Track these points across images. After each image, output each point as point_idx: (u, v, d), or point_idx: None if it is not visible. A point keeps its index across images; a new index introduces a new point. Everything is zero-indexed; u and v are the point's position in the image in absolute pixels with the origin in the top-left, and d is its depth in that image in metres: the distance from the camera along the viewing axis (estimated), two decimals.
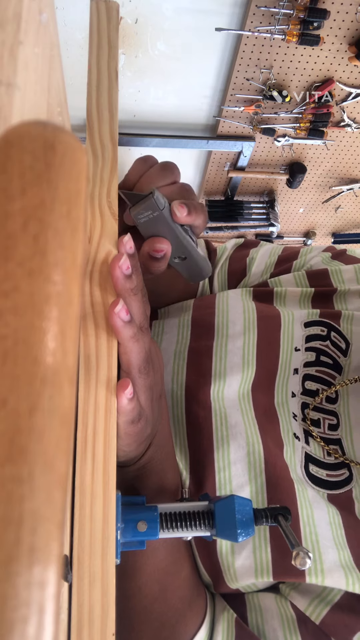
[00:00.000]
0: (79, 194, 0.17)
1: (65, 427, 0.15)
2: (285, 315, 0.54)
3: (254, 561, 0.42)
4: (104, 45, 0.41)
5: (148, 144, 1.33)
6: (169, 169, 0.41)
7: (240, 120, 1.29)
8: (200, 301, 0.60)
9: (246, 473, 0.44)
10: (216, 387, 0.49)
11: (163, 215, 0.37)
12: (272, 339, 0.52)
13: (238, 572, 0.42)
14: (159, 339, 0.55)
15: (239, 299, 0.57)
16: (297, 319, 0.54)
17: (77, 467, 0.29)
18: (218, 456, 0.45)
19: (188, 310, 0.58)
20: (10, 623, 0.12)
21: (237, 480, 0.44)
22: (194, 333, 0.54)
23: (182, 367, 0.51)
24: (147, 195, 0.36)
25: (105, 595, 0.27)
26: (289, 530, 0.32)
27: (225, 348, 0.51)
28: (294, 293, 0.58)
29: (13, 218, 0.15)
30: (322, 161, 1.44)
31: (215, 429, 0.47)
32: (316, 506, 0.44)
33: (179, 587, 0.42)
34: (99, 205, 0.37)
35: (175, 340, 0.54)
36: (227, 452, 0.45)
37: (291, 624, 0.41)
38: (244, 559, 0.42)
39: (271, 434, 0.47)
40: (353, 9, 1.04)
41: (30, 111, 0.22)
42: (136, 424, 0.33)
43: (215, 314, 0.55)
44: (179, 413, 0.49)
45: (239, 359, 0.50)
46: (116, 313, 0.31)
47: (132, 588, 0.41)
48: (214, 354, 0.51)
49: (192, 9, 1.06)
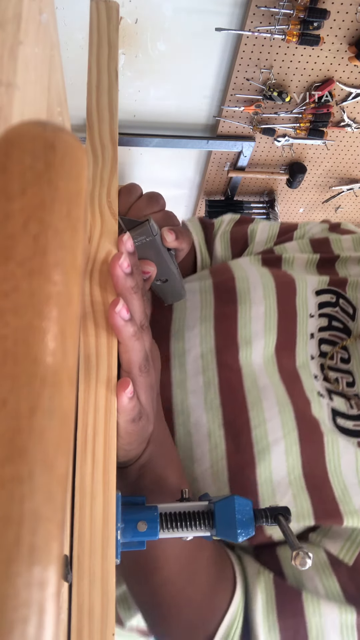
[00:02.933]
0: (79, 194, 0.17)
1: (65, 427, 0.15)
2: (299, 281, 0.58)
3: (295, 507, 0.45)
4: (104, 45, 0.41)
5: (148, 144, 1.33)
6: (155, 198, 0.44)
7: (240, 120, 1.29)
8: (215, 269, 0.62)
9: (280, 429, 0.47)
10: (244, 353, 0.52)
11: (155, 240, 0.40)
12: (290, 305, 0.56)
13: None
14: (182, 304, 0.57)
15: (252, 265, 0.60)
16: (309, 287, 0.58)
17: (77, 467, 0.29)
18: (252, 415, 0.48)
19: (207, 277, 0.60)
20: (10, 623, 0.12)
21: (273, 436, 0.47)
22: (217, 297, 0.56)
23: (209, 330, 0.54)
24: (144, 222, 0.39)
25: (105, 595, 0.27)
26: (289, 530, 0.32)
27: (250, 313, 0.54)
28: (301, 259, 0.63)
29: (13, 218, 0.15)
30: (322, 161, 1.44)
31: (247, 391, 0.50)
32: (344, 453, 0.48)
33: (206, 567, 0.44)
34: (99, 205, 0.37)
35: (199, 304, 0.56)
36: (261, 411, 0.48)
37: (326, 569, 0.44)
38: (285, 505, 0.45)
39: (298, 393, 0.50)
40: (353, 9, 1.04)
41: (30, 111, 0.22)
42: (137, 423, 0.33)
43: (235, 279, 0.57)
44: (211, 375, 0.51)
45: (262, 325, 0.54)
46: (116, 312, 0.31)
47: (159, 581, 0.42)
48: (238, 319, 0.54)
49: (192, 9, 1.06)
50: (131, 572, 0.44)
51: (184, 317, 0.55)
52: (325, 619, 0.42)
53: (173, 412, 0.50)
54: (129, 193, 0.44)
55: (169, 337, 0.54)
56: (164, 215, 0.44)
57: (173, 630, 0.44)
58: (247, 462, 0.46)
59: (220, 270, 0.61)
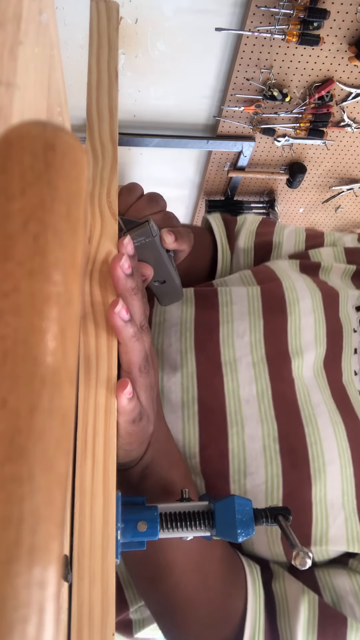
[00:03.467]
0: (79, 194, 0.17)
1: (65, 427, 0.15)
2: (342, 295, 0.57)
3: (345, 531, 0.44)
4: (104, 45, 0.41)
5: (148, 144, 1.33)
6: (155, 199, 0.44)
7: (240, 120, 1.29)
8: (259, 271, 0.61)
9: (335, 449, 0.47)
10: (296, 364, 0.51)
11: (155, 241, 0.40)
12: (335, 318, 0.55)
13: (331, 540, 0.44)
14: (229, 309, 0.55)
15: (294, 271, 0.59)
16: (349, 301, 0.57)
17: (77, 467, 0.29)
18: (308, 431, 0.47)
19: (252, 282, 0.60)
20: (10, 623, 0.12)
21: (329, 455, 0.46)
22: (266, 306, 0.55)
23: (259, 339, 0.52)
24: (144, 222, 0.39)
25: (105, 595, 0.27)
26: (289, 530, 0.32)
27: (299, 324, 0.53)
28: (337, 268, 0.62)
29: (13, 218, 0.15)
30: (322, 161, 1.44)
31: (301, 405, 0.49)
32: None
33: (218, 569, 0.43)
34: (99, 205, 0.37)
35: (247, 312, 0.55)
36: (316, 428, 0.47)
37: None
38: (336, 529, 0.45)
39: (348, 410, 0.50)
40: (353, 9, 1.04)
41: (30, 111, 0.22)
42: (137, 423, 0.33)
43: (284, 287, 0.56)
44: (264, 385, 0.50)
45: (311, 336, 0.53)
46: (116, 312, 0.31)
47: (169, 585, 0.41)
48: (288, 329, 0.53)
49: (192, 9, 1.06)
50: (140, 577, 0.44)
51: (231, 322, 0.54)
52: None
53: (227, 421, 0.48)
54: (130, 193, 0.44)
55: (218, 342, 0.52)
56: (164, 216, 0.44)
57: (189, 635, 0.43)
58: (303, 480, 0.45)
59: (265, 275, 0.60)
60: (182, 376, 0.50)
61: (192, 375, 0.50)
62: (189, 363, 0.51)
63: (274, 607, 0.44)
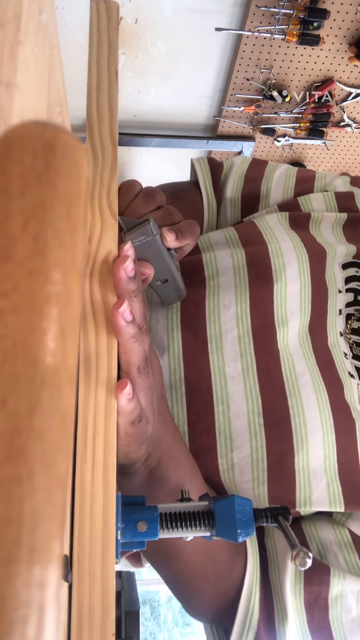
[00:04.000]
0: (79, 194, 0.17)
1: (65, 427, 0.15)
2: (329, 253, 0.57)
3: (327, 494, 0.47)
4: (104, 45, 0.41)
5: (148, 144, 1.33)
6: (151, 195, 0.43)
7: (240, 120, 1.29)
8: (243, 231, 0.60)
9: (317, 417, 0.48)
10: (281, 334, 0.52)
11: (155, 240, 0.40)
12: (321, 280, 0.55)
13: (314, 503, 0.47)
14: (215, 282, 0.55)
15: (283, 230, 0.58)
16: (336, 260, 0.57)
17: (77, 467, 0.29)
18: (291, 403, 0.49)
19: (236, 244, 0.58)
20: (10, 623, 0.12)
21: (311, 424, 0.48)
22: (252, 274, 0.54)
23: (245, 310, 0.53)
24: (144, 221, 0.39)
25: (105, 595, 0.27)
26: (289, 530, 0.32)
27: (285, 292, 0.53)
28: (328, 218, 0.61)
29: (13, 218, 0.15)
30: (322, 161, 1.44)
31: (286, 377, 0.50)
32: None
33: (224, 544, 0.46)
34: (99, 205, 0.37)
35: (233, 282, 0.54)
36: (299, 399, 0.49)
37: (349, 546, 0.48)
38: (319, 492, 0.48)
39: (332, 376, 0.51)
40: (353, 9, 1.04)
41: (30, 111, 0.22)
42: (137, 425, 0.33)
43: (270, 252, 0.55)
44: (249, 361, 0.51)
45: (297, 304, 0.53)
46: (120, 313, 0.31)
47: (181, 564, 0.44)
48: (274, 298, 0.53)
49: (192, 9, 1.06)
50: (154, 556, 0.46)
51: (217, 295, 0.54)
52: (346, 586, 0.45)
53: (213, 399, 0.50)
54: (128, 190, 0.43)
55: (205, 318, 0.53)
56: (164, 212, 0.43)
57: (201, 602, 0.47)
58: (287, 450, 0.47)
59: (250, 235, 0.58)
60: (169, 357, 0.52)
61: (179, 356, 0.51)
62: (175, 342, 0.52)
63: (266, 561, 0.48)
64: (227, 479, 0.48)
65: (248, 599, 0.46)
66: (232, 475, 0.48)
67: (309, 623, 0.45)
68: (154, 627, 2.59)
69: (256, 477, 0.48)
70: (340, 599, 0.45)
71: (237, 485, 0.48)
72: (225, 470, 0.48)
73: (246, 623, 0.45)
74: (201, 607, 0.49)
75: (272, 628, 0.45)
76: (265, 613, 0.46)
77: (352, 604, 0.46)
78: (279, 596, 0.46)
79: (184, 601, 0.49)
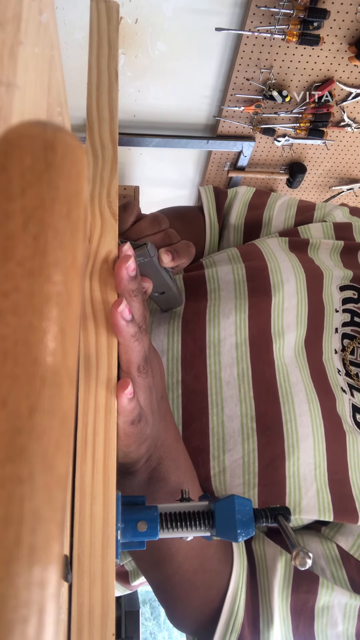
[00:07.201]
0: (79, 194, 0.17)
1: (65, 427, 0.15)
2: (327, 274, 0.59)
3: (317, 501, 0.47)
4: (104, 45, 0.41)
5: (148, 144, 1.33)
6: (158, 222, 0.47)
7: (240, 120, 1.29)
8: (245, 250, 0.63)
9: (309, 425, 0.49)
10: (277, 345, 0.53)
11: (153, 261, 0.43)
12: (318, 298, 0.57)
13: (304, 509, 0.47)
14: (217, 294, 0.58)
15: (282, 250, 0.61)
16: (334, 282, 0.59)
17: (77, 467, 0.29)
18: (285, 409, 0.50)
19: (237, 260, 0.61)
20: (10, 623, 0.12)
21: (303, 431, 0.48)
22: (251, 287, 0.57)
23: (244, 320, 0.55)
24: (142, 245, 0.42)
25: (105, 595, 0.27)
26: (289, 530, 0.32)
27: (282, 305, 0.55)
28: (326, 245, 0.64)
29: (13, 218, 0.15)
30: (322, 161, 1.44)
31: (280, 385, 0.51)
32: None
33: (215, 553, 0.46)
34: (99, 205, 0.37)
35: (233, 293, 0.57)
36: (292, 406, 0.50)
37: (336, 562, 0.48)
38: (309, 499, 0.48)
39: (325, 389, 0.52)
40: (353, 9, 1.04)
41: (30, 111, 0.22)
42: (136, 425, 0.33)
43: (269, 269, 0.58)
44: (245, 367, 0.52)
45: (293, 317, 0.55)
46: (119, 312, 0.31)
47: (171, 569, 0.44)
48: (272, 310, 0.55)
49: (192, 9, 1.06)
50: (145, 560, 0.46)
51: (218, 305, 0.56)
52: (333, 598, 0.45)
53: (208, 402, 0.51)
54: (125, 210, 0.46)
55: (205, 324, 0.55)
56: (164, 235, 0.46)
57: (187, 609, 0.47)
58: (278, 455, 0.48)
59: (251, 254, 0.61)
60: (168, 360, 0.53)
61: (177, 359, 0.53)
62: (174, 346, 0.54)
63: (253, 565, 0.48)
64: (217, 482, 0.49)
65: (233, 599, 0.45)
66: (223, 478, 0.49)
67: (294, 632, 0.45)
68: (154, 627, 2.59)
69: (247, 481, 0.48)
70: (327, 610, 0.45)
71: (228, 488, 0.49)
72: (216, 473, 0.49)
73: (230, 624, 0.45)
74: (186, 616, 0.48)
75: (256, 631, 0.45)
76: (251, 616, 0.46)
77: (339, 617, 0.46)
78: (265, 599, 0.46)
79: (170, 608, 0.48)
